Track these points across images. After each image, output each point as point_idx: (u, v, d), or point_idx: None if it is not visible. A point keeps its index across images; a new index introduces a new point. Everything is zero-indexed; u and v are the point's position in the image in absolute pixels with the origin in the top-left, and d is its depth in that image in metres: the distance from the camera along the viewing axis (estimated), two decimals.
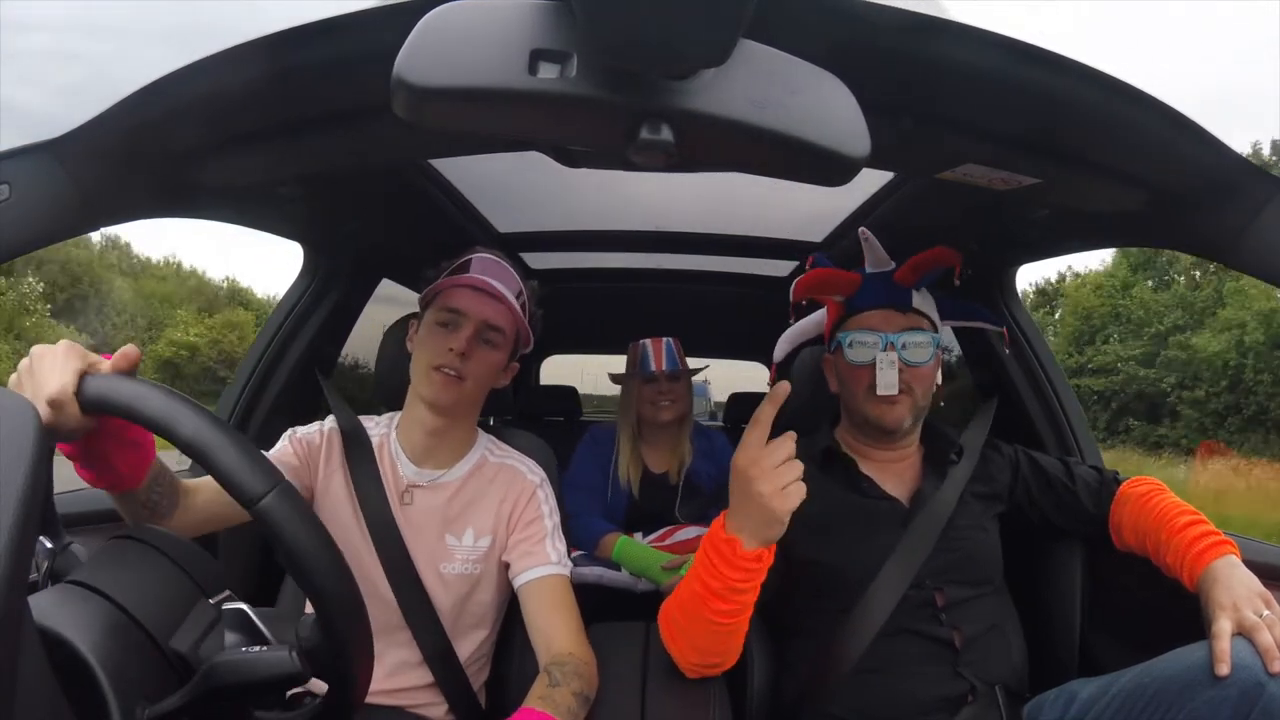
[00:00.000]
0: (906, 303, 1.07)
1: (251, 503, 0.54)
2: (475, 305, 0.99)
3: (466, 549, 1.01)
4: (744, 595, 0.83)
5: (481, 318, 0.99)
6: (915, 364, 1.04)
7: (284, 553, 0.55)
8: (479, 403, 1.07)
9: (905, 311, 1.06)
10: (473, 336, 0.98)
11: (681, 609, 0.90)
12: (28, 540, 0.37)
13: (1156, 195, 0.74)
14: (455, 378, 0.98)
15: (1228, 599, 0.79)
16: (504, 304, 1.00)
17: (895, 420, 1.04)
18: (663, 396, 1.81)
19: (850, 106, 0.45)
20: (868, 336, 1.05)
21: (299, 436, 1.06)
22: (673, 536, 1.67)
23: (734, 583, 0.82)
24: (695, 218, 1.77)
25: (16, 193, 0.61)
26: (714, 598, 0.83)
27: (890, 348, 1.03)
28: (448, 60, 0.40)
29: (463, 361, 0.98)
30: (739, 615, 0.85)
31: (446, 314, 1.00)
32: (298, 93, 0.64)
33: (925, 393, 1.06)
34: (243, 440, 0.56)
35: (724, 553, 0.82)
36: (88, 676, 0.46)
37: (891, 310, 1.06)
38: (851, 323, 1.08)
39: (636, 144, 0.43)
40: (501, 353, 1.03)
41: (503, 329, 1.01)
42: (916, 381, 1.04)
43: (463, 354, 0.97)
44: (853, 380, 1.07)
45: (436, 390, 0.98)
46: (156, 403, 0.56)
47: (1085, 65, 0.56)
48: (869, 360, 1.04)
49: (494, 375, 1.04)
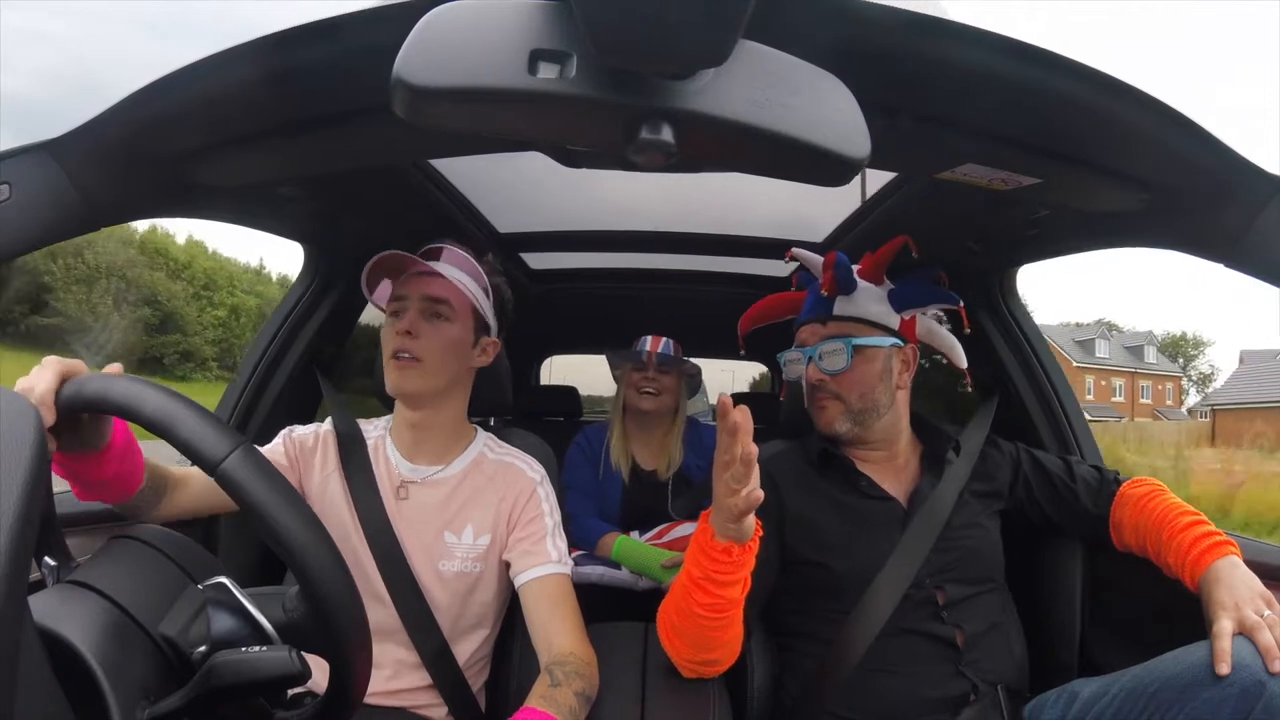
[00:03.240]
0: (827, 313, 1.11)
1: (214, 467, 0.54)
2: (413, 286, 1.01)
3: (466, 547, 1.01)
4: (723, 589, 0.84)
5: (421, 294, 1.00)
6: (832, 372, 1.07)
7: (251, 515, 0.54)
8: (453, 385, 1.05)
9: (825, 322, 1.11)
10: (415, 315, 0.99)
11: (673, 602, 0.91)
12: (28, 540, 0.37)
13: (1156, 195, 0.75)
14: (410, 359, 0.98)
15: (1229, 599, 0.79)
16: (440, 277, 1.00)
17: (826, 424, 1.09)
18: (648, 384, 1.83)
19: (850, 106, 0.45)
20: (795, 354, 1.13)
21: (294, 436, 1.06)
22: (669, 534, 1.68)
23: (710, 573, 0.83)
24: (695, 218, 1.77)
25: (16, 193, 0.61)
26: (696, 588, 0.85)
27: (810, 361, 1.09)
28: (447, 60, 0.40)
29: (412, 340, 0.98)
30: (722, 611, 0.86)
31: (394, 303, 1.02)
32: (298, 93, 0.64)
33: (860, 396, 1.07)
34: (203, 411, 0.56)
35: (700, 541, 0.84)
36: (88, 676, 0.46)
37: (815, 324, 1.12)
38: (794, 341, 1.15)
39: (636, 144, 0.43)
40: (456, 325, 1.02)
41: (446, 299, 1.01)
42: (843, 387, 1.07)
43: (408, 333, 0.98)
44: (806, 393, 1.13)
45: (396, 378, 0.99)
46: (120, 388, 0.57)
47: (1085, 65, 0.56)
48: (797, 377, 1.13)
49: (457, 350, 1.02)
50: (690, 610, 0.86)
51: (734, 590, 0.85)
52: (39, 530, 0.45)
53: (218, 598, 0.56)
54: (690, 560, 0.86)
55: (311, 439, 1.06)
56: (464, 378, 1.07)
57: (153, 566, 0.57)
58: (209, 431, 0.54)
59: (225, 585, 0.56)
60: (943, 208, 1.16)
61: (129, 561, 0.56)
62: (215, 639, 0.54)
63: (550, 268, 2.12)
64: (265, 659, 0.53)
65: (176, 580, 0.57)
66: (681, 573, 0.88)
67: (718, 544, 0.82)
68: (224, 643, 0.54)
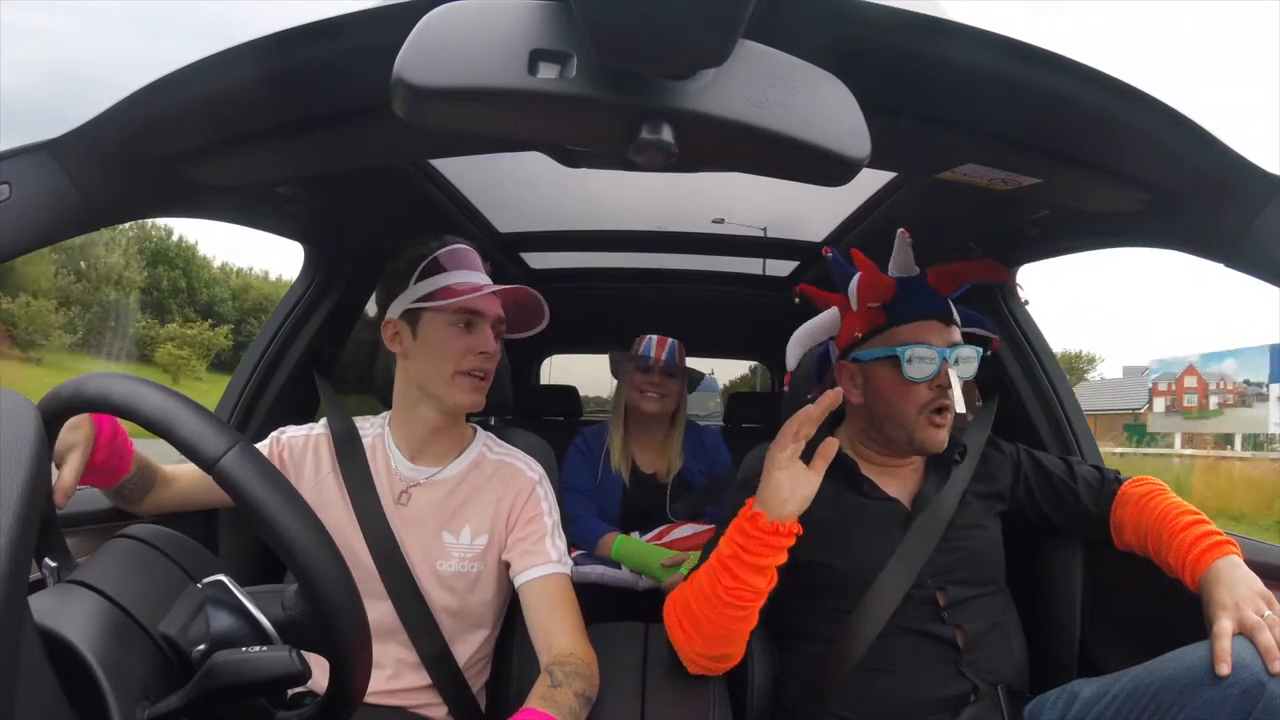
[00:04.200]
0: (950, 314, 1.01)
1: (212, 464, 0.53)
2: (487, 304, 0.99)
3: (464, 547, 1.01)
4: (750, 575, 0.86)
5: (496, 315, 1.00)
6: (965, 379, 0.99)
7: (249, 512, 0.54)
8: None
9: (948, 324, 1.01)
10: (491, 336, 0.99)
11: (693, 590, 0.91)
12: (28, 540, 0.37)
13: (1156, 195, 0.74)
14: (483, 379, 0.98)
15: (1229, 598, 0.79)
16: (497, 297, 1.00)
17: (941, 442, 1.00)
18: (653, 388, 1.82)
19: (850, 106, 0.45)
20: (927, 351, 0.97)
21: (283, 440, 1.06)
22: (669, 535, 1.68)
23: (740, 549, 0.85)
24: (695, 218, 1.77)
25: (16, 193, 0.61)
26: (723, 571, 0.87)
27: (946, 362, 0.97)
28: (447, 60, 0.40)
29: (491, 360, 0.98)
30: (746, 601, 0.87)
31: (464, 315, 0.98)
32: (297, 93, 0.64)
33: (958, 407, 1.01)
34: (202, 410, 0.56)
35: (743, 526, 0.86)
36: (88, 676, 0.46)
37: (937, 321, 1.01)
38: (900, 334, 1.00)
39: (636, 144, 0.43)
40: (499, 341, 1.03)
41: (504, 320, 1.02)
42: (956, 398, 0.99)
43: (492, 355, 0.98)
44: (903, 397, 0.99)
45: (467, 395, 0.98)
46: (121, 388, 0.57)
47: (1085, 65, 0.56)
48: (927, 376, 0.97)
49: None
50: (715, 595, 0.87)
51: (760, 579, 0.86)
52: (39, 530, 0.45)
53: (216, 596, 0.56)
54: (723, 541, 0.88)
55: (302, 441, 1.05)
56: None
57: (153, 566, 0.57)
58: (207, 429, 0.54)
59: (224, 583, 0.56)
60: (943, 208, 1.17)
61: (129, 561, 0.56)
62: (214, 637, 0.54)
63: (550, 268, 2.12)
64: (265, 659, 0.53)
65: (176, 579, 0.57)
66: (710, 558, 0.90)
67: (767, 524, 0.84)
68: (223, 641, 0.54)
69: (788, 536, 0.86)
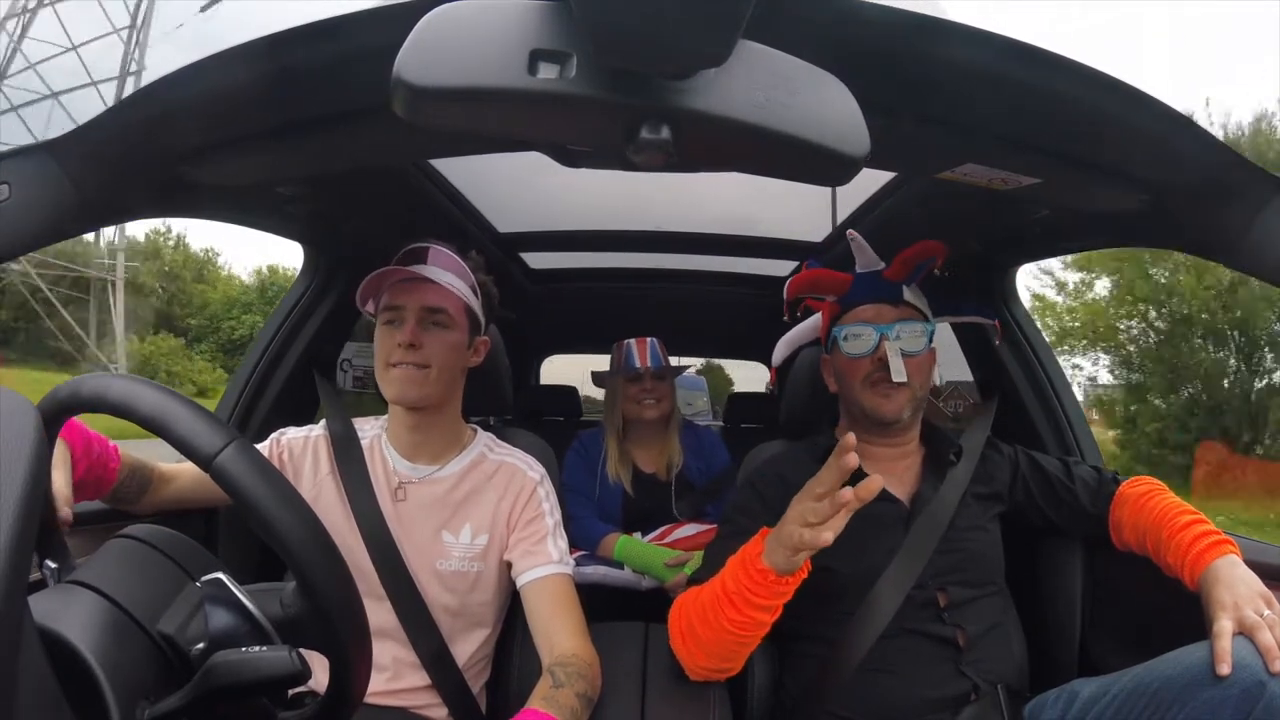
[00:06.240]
0: (898, 296, 1.08)
1: (208, 462, 0.53)
2: (407, 296, 1.00)
3: (463, 546, 1.01)
4: (755, 612, 0.85)
5: (420, 304, 1.00)
6: (911, 353, 1.05)
7: (246, 510, 0.53)
8: (454, 389, 1.06)
9: (897, 305, 1.08)
10: (415, 326, 0.99)
11: (698, 611, 0.91)
12: (27, 540, 0.37)
13: (1156, 195, 0.74)
14: (415, 367, 0.98)
15: (1229, 598, 0.79)
16: (436, 285, 1.00)
17: (894, 411, 1.05)
18: (647, 395, 1.82)
19: (850, 106, 0.45)
20: (862, 329, 1.07)
21: (283, 441, 1.06)
22: (672, 535, 1.68)
23: (746, 590, 0.85)
24: (695, 218, 1.77)
25: (16, 193, 0.61)
26: (728, 603, 0.86)
27: (885, 338, 1.05)
28: (447, 60, 0.40)
29: (414, 351, 0.98)
30: (751, 630, 0.87)
31: (389, 312, 1.01)
32: (297, 93, 0.64)
33: (923, 383, 1.07)
34: (198, 408, 0.56)
35: (746, 556, 0.86)
36: (88, 676, 0.46)
37: (883, 304, 1.08)
38: (846, 318, 1.10)
39: (636, 144, 0.43)
40: (456, 332, 1.03)
41: (445, 309, 1.01)
42: (914, 371, 1.05)
43: (410, 344, 0.98)
44: (850, 373, 1.08)
45: (401, 386, 0.99)
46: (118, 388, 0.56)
47: (1085, 65, 0.56)
48: (864, 352, 1.06)
49: (458, 354, 1.03)
50: (719, 624, 0.87)
51: (765, 615, 0.86)
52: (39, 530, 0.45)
53: (215, 593, 0.56)
54: (728, 572, 0.88)
55: (301, 443, 1.06)
56: (461, 378, 1.07)
57: (152, 565, 0.57)
58: (203, 427, 0.54)
59: (222, 581, 0.56)
60: (943, 208, 1.16)
61: (128, 561, 0.56)
62: (213, 635, 0.54)
63: (550, 267, 2.12)
64: (265, 659, 0.52)
65: (175, 579, 0.57)
66: (715, 581, 0.89)
67: (761, 564, 0.83)
68: (222, 639, 0.54)
69: (795, 582, 0.86)
